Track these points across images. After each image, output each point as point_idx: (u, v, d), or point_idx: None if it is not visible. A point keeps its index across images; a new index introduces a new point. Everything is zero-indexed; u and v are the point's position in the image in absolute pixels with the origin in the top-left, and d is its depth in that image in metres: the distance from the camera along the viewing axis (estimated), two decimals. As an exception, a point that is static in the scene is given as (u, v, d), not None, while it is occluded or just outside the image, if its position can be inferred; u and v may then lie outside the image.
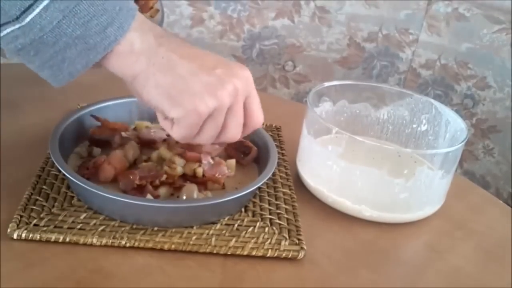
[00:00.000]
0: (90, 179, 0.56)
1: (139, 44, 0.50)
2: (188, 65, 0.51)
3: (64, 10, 0.46)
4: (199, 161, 0.62)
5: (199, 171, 0.61)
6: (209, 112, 0.51)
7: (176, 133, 0.53)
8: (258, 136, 0.68)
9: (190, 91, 0.51)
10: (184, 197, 0.58)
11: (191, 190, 0.59)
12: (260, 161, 0.66)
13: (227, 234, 0.57)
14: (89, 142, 0.65)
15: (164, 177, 0.60)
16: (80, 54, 0.49)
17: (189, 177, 0.62)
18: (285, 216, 0.61)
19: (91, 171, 0.59)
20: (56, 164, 0.56)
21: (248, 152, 0.66)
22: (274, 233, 0.58)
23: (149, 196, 0.57)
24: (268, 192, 0.64)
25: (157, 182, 0.59)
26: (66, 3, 0.46)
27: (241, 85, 0.52)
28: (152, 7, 0.75)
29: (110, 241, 0.54)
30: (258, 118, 0.56)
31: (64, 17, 0.46)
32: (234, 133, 0.54)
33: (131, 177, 0.58)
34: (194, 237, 0.56)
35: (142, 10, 0.75)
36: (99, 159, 0.60)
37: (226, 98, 0.51)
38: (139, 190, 0.58)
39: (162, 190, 0.59)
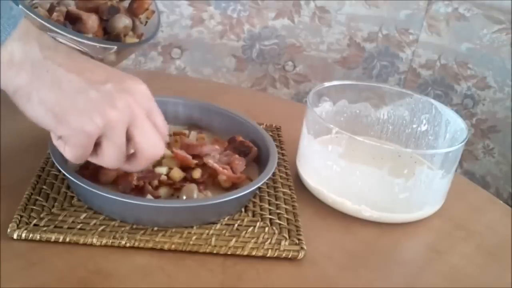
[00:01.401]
0: (90, 180, 0.56)
1: (20, 55, 0.46)
2: (75, 79, 0.47)
3: None
4: (195, 164, 0.62)
5: (196, 173, 0.61)
6: (98, 131, 0.48)
7: (68, 154, 0.50)
8: (258, 136, 0.68)
9: (76, 109, 0.47)
10: (184, 197, 0.58)
11: (191, 190, 0.58)
12: (260, 161, 0.66)
13: (227, 234, 0.57)
14: None
15: (163, 178, 0.60)
16: None
17: (189, 177, 0.61)
18: (285, 216, 0.61)
19: (92, 172, 0.59)
20: (56, 164, 0.56)
21: (248, 152, 0.66)
22: (274, 233, 0.58)
23: (149, 197, 0.57)
24: (268, 192, 0.64)
25: (156, 182, 0.59)
26: None
27: (133, 101, 0.49)
28: (147, 9, 0.75)
29: (110, 241, 0.54)
30: (162, 131, 0.52)
31: None
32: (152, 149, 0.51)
33: (129, 178, 0.58)
34: (194, 237, 0.56)
35: (137, 11, 0.74)
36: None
37: (116, 116, 0.48)
38: (139, 191, 0.58)
39: (162, 191, 0.59)
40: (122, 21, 0.71)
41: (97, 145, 0.50)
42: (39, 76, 0.47)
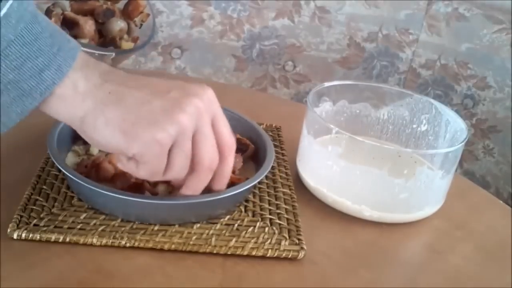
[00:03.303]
0: (88, 178, 0.56)
1: (83, 84, 0.46)
2: (138, 93, 0.47)
3: None
4: None
5: None
6: (172, 139, 0.46)
7: (143, 172, 0.48)
8: (255, 134, 0.68)
9: (144, 121, 0.46)
10: None
11: None
12: (258, 159, 0.66)
13: (227, 234, 0.57)
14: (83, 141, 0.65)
15: None
16: (14, 101, 0.44)
17: None
18: (285, 216, 0.61)
19: (90, 170, 0.59)
20: (56, 164, 0.56)
21: (245, 150, 0.66)
22: (274, 233, 0.58)
23: (147, 194, 0.57)
24: (268, 192, 0.64)
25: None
26: None
27: (202, 105, 0.48)
28: (142, 12, 0.75)
29: (110, 241, 0.54)
30: (228, 140, 0.51)
31: None
32: (209, 158, 0.49)
33: (127, 175, 0.58)
34: (194, 237, 0.56)
35: (132, 14, 0.74)
36: (98, 158, 0.60)
37: (187, 120, 0.46)
38: (137, 189, 0.58)
39: (161, 188, 0.59)
40: (118, 24, 0.71)
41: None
42: (102, 99, 0.46)
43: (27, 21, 0.43)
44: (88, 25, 0.68)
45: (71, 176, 0.55)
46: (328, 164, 0.64)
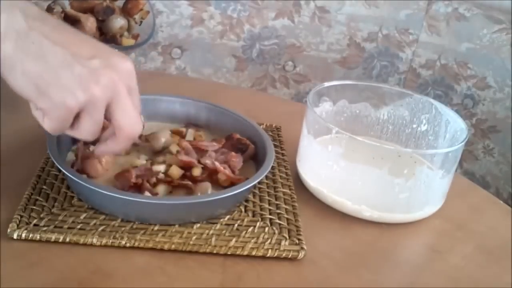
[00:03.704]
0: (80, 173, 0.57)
1: (5, 25, 0.45)
2: (61, 53, 0.47)
3: None
4: (193, 165, 0.62)
5: (196, 171, 0.61)
6: (79, 106, 0.48)
7: (47, 125, 0.50)
8: (255, 134, 0.68)
9: (59, 83, 0.47)
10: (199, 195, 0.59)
11: (206, 188, 0.59)
12: (258, 159, 0.66)
13: (227, 234, 0.57)
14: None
15: (161, 175, 0.60)
16: None
17: (189, 175, 0.61)
18: (285, 216, 0.61)
19: (79, 166, 0.60)
20: (56, 164, 0.56)
21: (245, 149, 0.66)
22: (274, 233, 0.58)
23: (147, 194, 0.57)
24: (268, 192, 0.64)
25: (154, 180, 0.59)
26: None
27: (118, 77, 0.49)
28: (141, 9, 0.75)
29: (110, 241, 0.54)
30: (139, 111, 0.52)
31: None
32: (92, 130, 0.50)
33: (127, 175, 0.58)
34: (194, 237, 0.56)
35: (132, 12, 0.75)
36: (85, 153, 0.61)
37: (99, 92, 0.48)
38: (137, 189, 0.58)
39: (161, 189, 0.59)
40: (118, 22, 0.71)
41: (75, 118, 0.50)
42: (24, 47, 0.46)
43: None
44: (90, 22, 0.69)
45: (71, 176, 0.55)
46: (328, 164, 0.64)
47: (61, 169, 0.56)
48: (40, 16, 0.48)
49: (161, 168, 0.61)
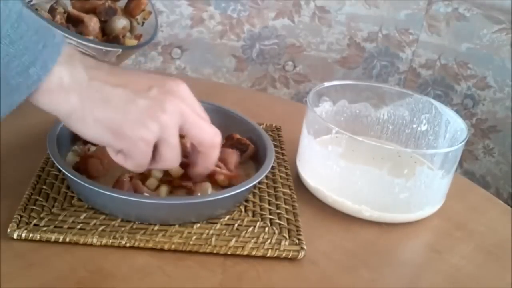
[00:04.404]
0: (82, 174, 0.57)
1: (69, 79, 0.48)
2: (122, 92, 0.50)
3: None
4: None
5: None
6: (155, 136, 0.50)
7: (130, 165, 0.52)
8: (255, 134, 0.68)
9: (130, 120, 0.49)
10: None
11: (206, 189, 0.59)
12: (258, 159, 0.66)
13: (227, 234, 0.57)
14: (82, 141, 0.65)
15: (158, 175, 0.60)
16: (3, 96, 0.46)
17: (187, 175, 0.61)
18: (285, 216, 0.61)
19: (80, 166, 0.60)
20: (56, 164, 0.56)
21: (245, 150, 0.66)
22: (274, 233, 0.58)
23: (146, 192, 0.58)
24: (268, 192, 0.64)
25: (154, 181, 0.60)
26: None
27: (180, 101, 0.51)
28: (143, 9, 0.75)
29: (110, 241, 0.54)
30: (207, 131, 0.54)
31: None
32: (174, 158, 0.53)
33: (120, 186, 0.58)
34: (194, 237, 0.56)
35: (134, 12, 0.74)
36: (87, 153, 0.61)
37: (167, 118, 0.50)
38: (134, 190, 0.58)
39: (162, 189, 0.59)
40: (120, 22, 0.71)
41: (154, 151, 0.52)
42: (89, 97, 0.49)
43: (13, 20, 0.45)
44: (93, 22, 0.69)
45: (71, 176, 0.55)
46: (328, 164, 0.64)
47: (61, 169, 0.56)
48: (95, 65, 0.51)
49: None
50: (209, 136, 0.54)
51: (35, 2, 0.69)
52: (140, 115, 0.49)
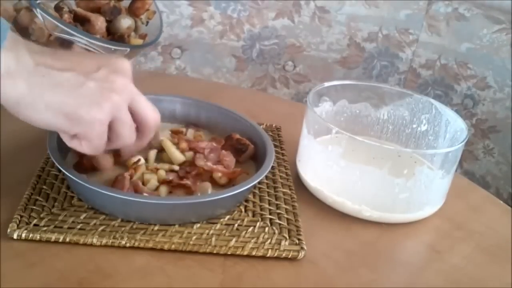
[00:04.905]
0: (89, 173, 0.57)
1: (15, 65, 0.47)
2: (71, 76, 0.49)
3: None
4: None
5: (199, 161, 0.62)
6: (110, 116, 0.50)
7: (88, 148, 0.52)
8: (255, 134, 0.68)
9: (83, 104, 0.49)
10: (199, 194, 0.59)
11: (206, 189, 0.59)
12: (258, 159, 0.66)
13: (227, 234, 0.57)
14: None
15: (162, 176, 0.60)
16: None
17: (186, 174, 0.62)
18: (285, 216, 0.61)
19: (87, 166, 0.60)
20: (56, 164, 0.56)
21: (245, 150, 0.66)
22: (274, 233, 0.58)
23: (146, 192, 0.58)
24: (268, 192, 0.64)
25: (155, 182, 0.60)
26: None
27: (127, 79, 0.52)
28: (148, 9, 0.75)
29: (110, 241, 0.54)
30: (151, 110, 0.54)
31: None
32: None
33: (120, 185, 0.58)
34: (194, 237, 0.56)
35: (138, 12, 0.74)
36: None
37: (118, 97, 0.50)
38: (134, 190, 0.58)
39: (162, 189, 0.59)
40: (126, 22, 0.71)
41: (109, 131, 0.52)
42: (38, 82, 0.48)
43: None
44: (100, 22, 0.68)
45: (71, 176, 0.55)
46: (328, 164, 0.64)
47: (61, 169, 0.56)
48: (39, 49, 0.50)
49: (151, 154, 0.62)
50: (152, 115, 0.54)
51: (41, 1, 0.69)
52: (92, 97, 0.49)
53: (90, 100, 0.49)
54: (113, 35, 0.72)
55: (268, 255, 0.55)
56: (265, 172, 0.61)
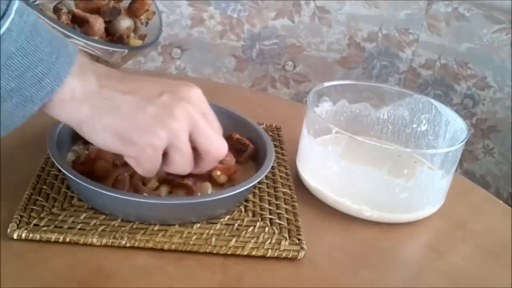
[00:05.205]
0: (84, 175, 0.57)
1: (80, 89, 0.49)
2: (132, 99, 0.50)
3: None
4: None
5: None
6: (164, 143, 0.50)
7: (140, 170, 0.52)
8: (255, 134, 0.68)
9: (139, 127, 0.50)
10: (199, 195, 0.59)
11: (206, 189, 0.59)
12: (258, 159, 0.66)
13: (227, 234, 0.57)
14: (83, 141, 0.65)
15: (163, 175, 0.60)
16: (17, 107, 0.47)
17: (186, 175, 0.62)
18: (285, 216, 0.61)
19: (85, 166, 0.60)
20: (56, 164, 0.56)
21: (245, 150, 0.66)
22: (274, 233, 0.58)
23: (146, 192, 0.57)
24: (268, 192, 0.64)
25: (155, 182, 0.60)
26: None
27: (192, 107, 0.51)
28: (147, 10, 0.75)
29: (110, 241, 0.54)
30: (219, 132, 0.54)
31: None
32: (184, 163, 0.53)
33: (119, 185, 0.58)
34: (194, 237, 0.56)
35: (138, 13, 0.74)
36: (91, 153, 0.61)
37: (177, 125, 0.50)
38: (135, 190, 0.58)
39: (162, 189, 0.59)
40: (125, 23, 0.71)
41: (165, 154, 0.52)
42: (99, 105, 0.49)
43: (27, 33, 0.46)
44: (98, 23, 0.68)
45: (71, 176, 0.55)
46: (328, 164, 0.64)
47: (61, 169, 0.56)
48: (106, 72, 0.51)
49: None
50: (216, 148, 0.54)
51: (39, 2, 0.69)
52: (148, 122, 0.49)
53: (146, 125, 0.49)
54: (113, 36, 0.72)
55: (268, 255, 0.55)
56: (265, 172, 0.61)
